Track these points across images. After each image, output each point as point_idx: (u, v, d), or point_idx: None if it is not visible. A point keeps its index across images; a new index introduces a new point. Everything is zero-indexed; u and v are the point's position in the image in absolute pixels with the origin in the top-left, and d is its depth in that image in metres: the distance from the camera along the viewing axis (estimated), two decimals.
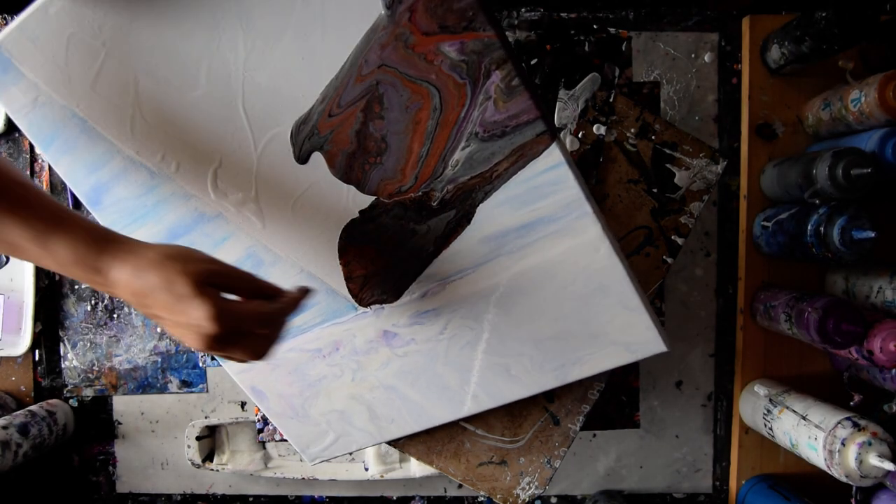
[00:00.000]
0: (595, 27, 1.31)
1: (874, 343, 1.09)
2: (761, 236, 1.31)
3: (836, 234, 1.11)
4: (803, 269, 1.34)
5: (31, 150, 1.41)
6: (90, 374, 1.46)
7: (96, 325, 1.45)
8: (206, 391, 1.46)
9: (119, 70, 0.85)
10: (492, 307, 0.93)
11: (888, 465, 1.04)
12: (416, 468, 1.39)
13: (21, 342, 1.41)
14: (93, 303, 1.45)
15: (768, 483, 1.34)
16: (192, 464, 1.41)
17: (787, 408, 1.21)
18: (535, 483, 1.14)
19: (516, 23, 1.32)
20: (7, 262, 1.42)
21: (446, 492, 1.48)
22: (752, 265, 1.36)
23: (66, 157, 0.91)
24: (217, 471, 1.43)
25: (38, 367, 1.47)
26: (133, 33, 0.82)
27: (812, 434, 1.14)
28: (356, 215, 0.89)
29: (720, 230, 1.40)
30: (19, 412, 1.34)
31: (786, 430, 1.21)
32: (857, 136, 1.19)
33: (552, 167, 0.81)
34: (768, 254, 1.33)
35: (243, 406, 1.46)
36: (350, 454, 1.39)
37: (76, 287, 1.45)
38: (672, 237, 1.15)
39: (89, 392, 1.47)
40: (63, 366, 1.47)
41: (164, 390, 1.46)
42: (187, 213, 0.93)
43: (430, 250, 0.90)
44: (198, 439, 1.41)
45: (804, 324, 1.16)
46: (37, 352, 1.46)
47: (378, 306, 0.97)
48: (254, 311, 0.76)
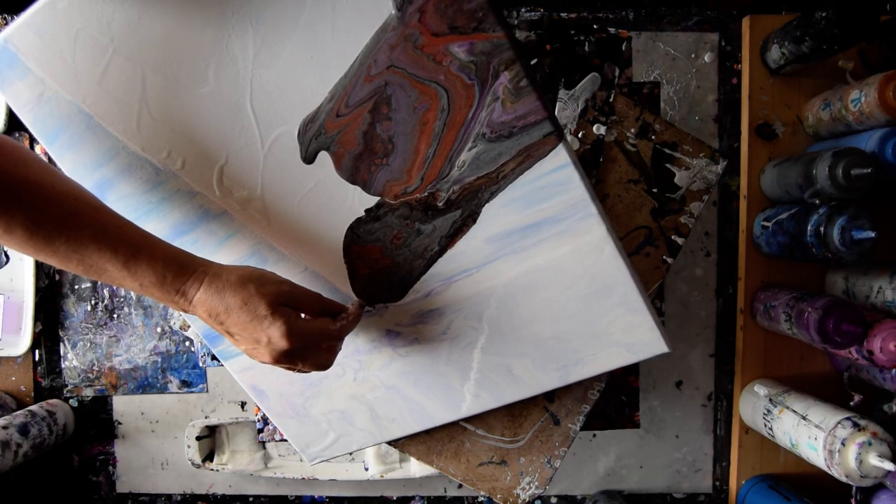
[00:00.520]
0: (595, 27, 1.31)
1: (874, 343, 1.09)
2: (761, 236, 1.32)
3: (836, 234, 1.12)
4: (803, 269, 1.35)
5: (31, 147, 1.40)
6: (90, 374, 1.46)
7: (96, 325, 1.45)
8: (206, 391, 1.46)
9: (127, 66, 0.85)
10: (495, 307, 0.93)
11: (888, 465, 1.04)
12: (415, 468, 1.39)
13: (21, 342, 1.41)
14: (93, 303, 1.45)
15: (768, 483, 1.34)
16: (192, 464, 1.41)
17: (787, 408, 1.22)
18: (536, 483, 1.14)
19: (516, 23, 1.32)
20: (7, 262, 1.41)
21: (446, 492, 1.48)
22: (752, 265, 1.37)
23: (71, 152, 0.91)
24: (217, 471, 1.43)
25: (38, 367, 1.46)
26: (142, 29, 0.83)
27: (812, 434, 1.14)
28: (361, 214, 0.90)
29: (720, 230, 1.40)
30: (19, 412, 1.34)
31: (786, 430, 1.21)
32: (857, 136, 1.20)
33: (558, 168, 0.81)
34: (768, 254, 1.33)
35: (243, 406, 1.46)
36: (350, 454, 1.39)
37: (76, 287, 1.45)
38: (672, 237, 1.15)
39: (89, 392, 1.46)
40: (63, 366, 1.46)
41: (164, 390, 1.46)
42: (192, 210, 0.93)
43: (435, 250, 0.90)
44: (198, 439, 1.41)
45: (804, 324, 1.16)
46: (37, 352, 1.46)
47: (381, 305, 0.97)
48: (321, 329, 0.85)
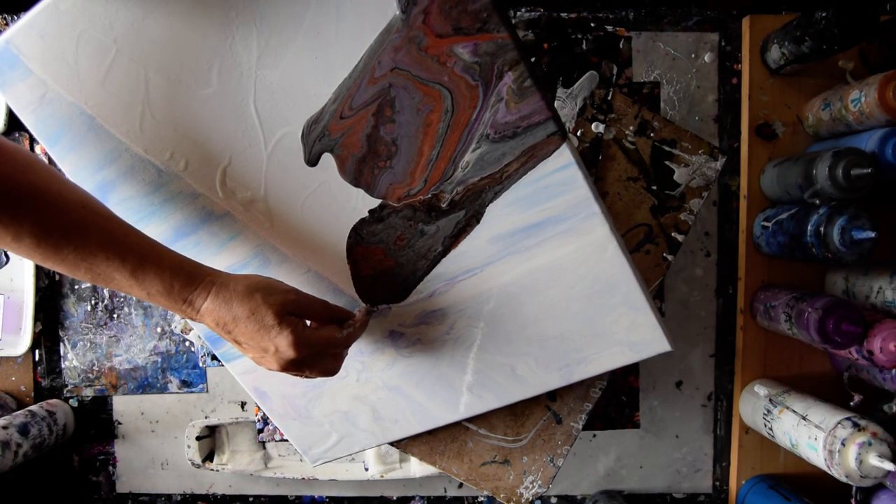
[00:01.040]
0: (592, 25, 1.31)
1: (874, 343, 1.09)
2: (761, 236, 1.32)
3: (836, 234, 1.12)
4: (803, 269, 1.35)
5: (31, 149, 1.40)
6: (90, 374, 1.46)
7: (96, 325, 1.45)
8: (206, 391, 1.46)
9: (130, 67, 0.85)
10: (498, 307, 0.93)
11: (888, 465, 1.04)
12: (416, 468, 1.39)
13: (21, 342, 1.41)
14: (93, 303, 1.45)
15: (768, 483, 1.34)
16: (192, 464, 1.41)
17: (787, 408, 1.22)
18: (539, 482, 1.14)
19: (515, 22, 1.32)
20: (7, 262, 1.41)
21: (446, 492, 1.48)
22: (752, 265, 1.37)
23: (73, 154, 0.91)
24: (217, 471, 1.43)
25: (38, 367, 1.46)
26: (145, 30, 0.82)
27: (812, 434, 1.14)
28: (365, 215, 0.89)
29: (720, 230, 1.40)
30: (19, 412, 1.34)
31: (786, 430, 1.21)
32: (857, 136, 1.20)
33: (562, 167, 0.81)
34: (768, 254, 1.33)
35: (243, 406, 1.46)
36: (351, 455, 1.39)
37: (76, 287, 1.45)
38: (672, 234, 1.15)
39: (89, 392, 1.46)
40: (63, 366, 1.46)
41: (164, 390, 1.46)
42: (195, 211, 0.93)
43: (439, 250, 0.90)
44: (198, 439, 1.41)
45: (804, 324, 1.16)
46: (37, 352, 1.46)
47: (385, 306, 0.97)
48: (328, 338, 0.84)
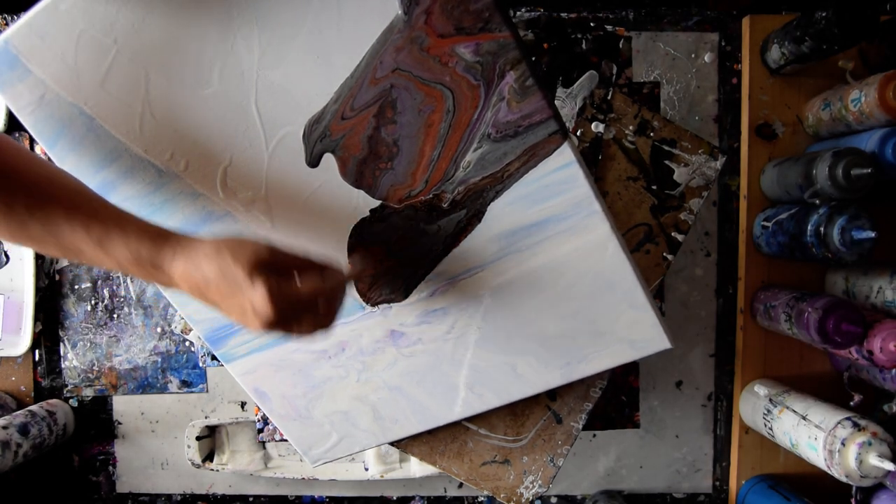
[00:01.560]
0: (592, 25, 1.31)
1: (874, 343, 1.09)
2: (761, 236, 1.32)
3: (836, 234, 1.12)
4: (803, 269, 1.35)
5: (31, 149, 1.40)
6: (90, 374, 1.46)
7: (96, 325, 1.45)
8: (206, 391, 1.46)
9: (130, 67, 0.84)
10: (499, 306, 0.93)
11: (888, 465, 1.04)
12: (416, 468, 1.39)
13: (21, 342, 1.40)
14: (93, 303, 1.44)
15: (768, 483, 1.34)
16: (192, 464, 1.41)
17: (787, 408, 1.22)
18: (539, 482, 1.14)
19: (515, 22, 1.32)
20: (7, 262, 1.41)
21: (446, 492, 1.48)
22: (752, 265, 1.37)
23: (72, 155, 0.90)
24: (217, 471, 1.43)
25: (38, 367, 1.46)
26: (145, 30, 0.82)
27: (812, 434, 1.14)
28: (366, 214, 0.89)
29: (720, 230, 1.40)
30: (19, 412, 1.34)
31: (786, 430, 1.21)
32: (857, 136, 1.20)
33: (563, 166, 0.81)
34: (768, 254, 1.33)
35: (243, 406, 1.46)
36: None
37: (76, 287, 1.44)
38: (672, 234, 1.15)
39: (89, 392, 1.46)
40: (63, 366, 1.46)
41: (164, 390, 1.46)
42: (195, 211, 0.92)
43: (440, 249, 0.90)
44: (198, 439, 1.41)
45: (804, 324, 1.16)
46: (37, 352, 1.46)
47: (386, 305, 0.97)
48: (309, 289, 0.78)
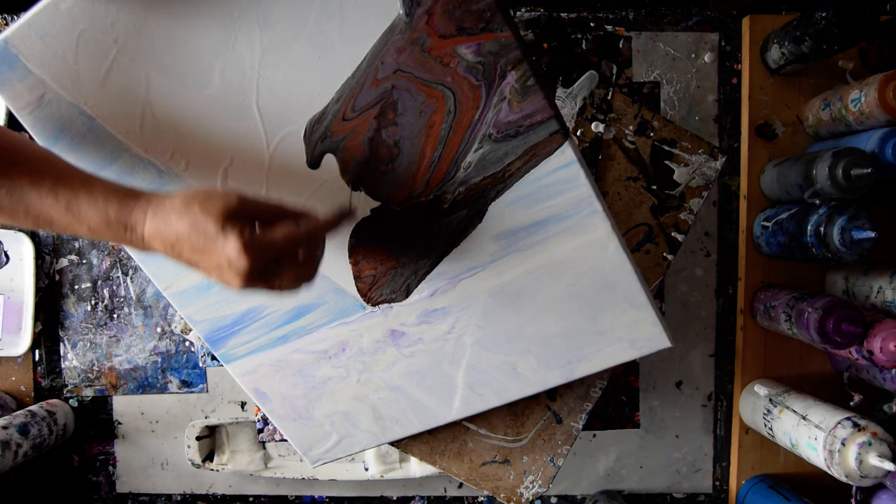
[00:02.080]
0: (592, 25, 1.31)
1: (874, 343, 1.10)
2: (761, 236, 1.32)
3: (836, 234, 1.12)
4: (803, 269, 1.35)
5: None
6: (90, 374, 1.46)
7: (96, 325, 1.45)
8: (206, 391, 1.46)
9: (130, 67, 0.84)
10: (500, 305, 0.93)
11: (888, 465, 1.04)
12: (415, 468, 1.39)
13: (21, 342, 1.40)
14: (93, 303, 1.44)
15: (768, 483, 1.34)
16: (192, 464, 1.41)
17: (787, 408, 1.22)
18: (539, 482, 1.14)
19: (515, 22, 1.32)
20: (7, 262, 1.41)
21: (446, 492, 1.48)
22: (752, 265, 1.37)
23: (72, 155, 0.90)
24: (217, 471, 1.43)
25: (38, 367, 1.46)
26: (146, 30, 0.82)
27: (812, 434, 1.14)
28: (367, 214, 0.89)
29: (720, 230, 1.40)
30: (19, 412, 1.34)
31: (786, 430, 1.21)
32: (857, 136, 1.20)
33: (564, 166, 0.82)
34: (768, 254, 1.33)
35: (243, 406, 1.46)
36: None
37: (76, 287, 1.44)
38: (672, 234, 1.15)
39: (89, 392, 1.46)
40: (63, 366, 1.46)
41: (164, 390, 1.46)
42: None
43: (441, 249, 0.90)
44: (198, 439, 1.41)
45: (804, 324, 1.16)
46: (37, 352, 1.46)
47: (386, 305, 0.97)
48: (285, 235, 0.74)
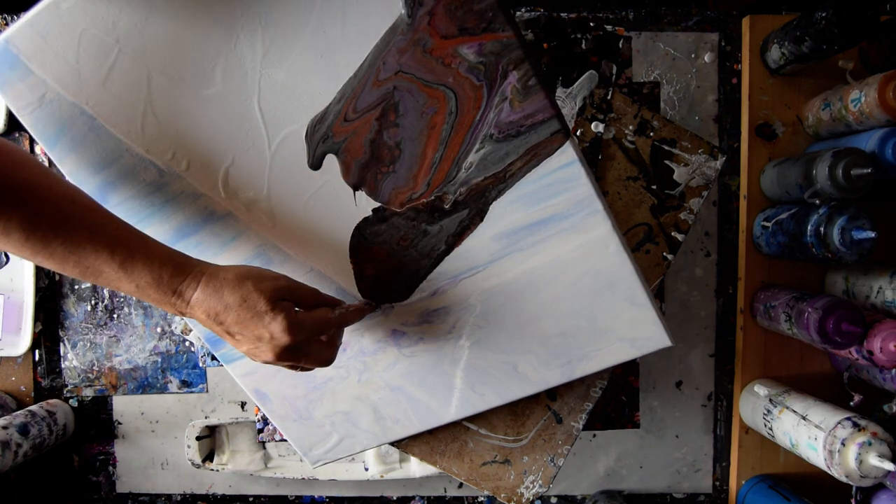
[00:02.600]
0: (592, 25, 1.31)
1: (874, 343, 1.09)
2: (761, 236, 1.32)
3: (836, 234, 1.12)
4: (803, 269, 1.35)
5: (31, 149, 1.40)
6: (90, 374, 1.45)
7: (96, 325, 1.44)
8: (206, 391, 1.45)
9: (132, 67, 0.84)
10: (501, 305, 0.93)
11: (888, 465, 1.04)
12: (415, 468, 1.39)
13: (21, 342, 1.40)
14: (93, 303, 1.44)
15: (768, 483, 1.34)
16: (192, 464, 1.41)
17: (787, 408, 1.22)
18: (539, 482, 1.14)
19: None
20: (7, 262, 1.41)
21: (446, 492, 1.48)
22: (752, 265, 1.37)
23: (73, 155, 0.90)
24: (217, 471, 1.42)
25: (38, 367, 1.46)
26: (148, 30, 0.82)
27: (812, 434, 1.14)
28: (368, 214, 0.89)
29: (720, 230, 1.40)
30: (19, 412, 1.33)
31: (786, 430, 1.21)
32: (857, 136, 1.20)
33: (565, 165, 0.82)
34: (768, 254, 1.33)
35: (243, 406, 1.46)
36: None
37: (76, 287, 1.44)
38: (672, 234, 1.15)
39: (89, 392, 1.46)
40: (63, 366, 1.46)
41: (164, 390, 1.46)
42: (196, 212, 0.92)
43: (442, 249, 0.90)
44: (198, 439, 1.40)
45: (804, 324, 1.16)
46: (37, 352, 1.45)
47: (387, 305, 0.97)
48: (321, 319, 0.83)
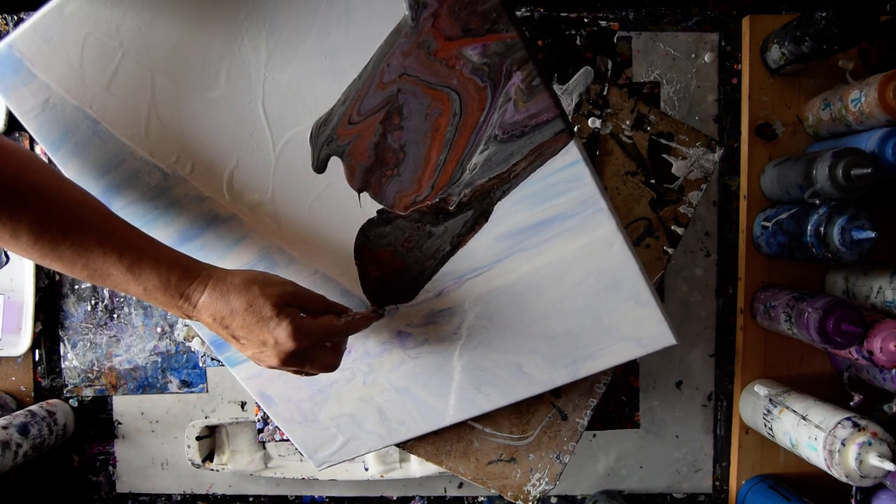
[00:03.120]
0: (586, 21, 1.31)
1: (874, 343, 1.10)
2: (761, 236, 1.32)
3: (836, 234, 1.12)
4: (803, 269, 1.35)
5: (31, 149, 1.39)
6: (90, 374, 1.45)
7: (96, 325, 1.44)
8: (206, 391, 1.45)
9: (136, 70, 0.84)
10: (506, 305, 0.93)
11: (888, 465, 1.04)
12: (416, 468, 1.39)
13: (21, 342, 1.40)
14: (93, 303, 1.44)
15: (768, 483, 1.35)
16: (192, 464, 1.40)
17: (787, 408, 1.22)
18: (546, 479, 1.14)
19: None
20: (7, 262, 1.40)
21: (446, 492, 1.48)
22: (752, 265, 1.37)
23: (77, 159, 0.90)
24: (217, 471, 1.42)
25: (38, 367, 1.45)
26: (152, 33, 0.82)
27: (812, 434, 1.14)
28: (373, 216, 0.89)
29: (720, 230, 1.41)
30: (19, 412, 1.33)
31: (786, 430, 1.21)
32: (857, 136, 1.20)
33: (569, 165, 0.82)
34: (768, 254, 1.33)
35: (243, 406, 1.46)
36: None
37: (76, 287, 1.44)
38: (672, 227, 1.15)
39: (89, 392, 1.46)
40: (63, 366, 1.45)
41: (164, 390, 1.45)
42: (200, 214, 0.92)
43: (447, 249, 0.90)
44: (198, 439, 1.40)
45: (804, 324, 1.17)
46: (37, 352, 1.45)
47: (392, 307, 0.97)
48: (327, 326, 0.84)
